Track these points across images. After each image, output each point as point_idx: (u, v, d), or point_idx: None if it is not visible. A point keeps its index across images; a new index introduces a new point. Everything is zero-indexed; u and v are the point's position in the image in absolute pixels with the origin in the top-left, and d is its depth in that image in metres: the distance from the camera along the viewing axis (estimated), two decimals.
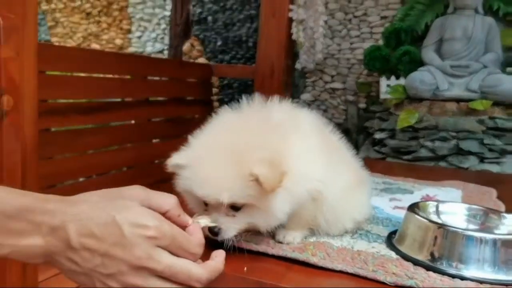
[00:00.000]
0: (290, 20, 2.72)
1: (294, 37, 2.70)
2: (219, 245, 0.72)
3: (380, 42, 2.76)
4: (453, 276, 0.70)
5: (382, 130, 2.47)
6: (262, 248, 0.78)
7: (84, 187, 1.87)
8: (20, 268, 1.09)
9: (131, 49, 3.55)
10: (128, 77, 2.24)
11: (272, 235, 0.83)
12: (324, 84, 2.96)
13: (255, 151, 0.70)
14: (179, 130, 2.61)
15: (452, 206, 0.90)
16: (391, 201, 1.16)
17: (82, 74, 1.99)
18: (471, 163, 2.16)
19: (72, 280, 0.58)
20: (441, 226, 0.77)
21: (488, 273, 0.70)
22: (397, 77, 2.53)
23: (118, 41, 3.56)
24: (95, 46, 3.54)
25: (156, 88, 2.43)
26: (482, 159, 2.18)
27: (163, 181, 2.39)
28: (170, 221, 0.60)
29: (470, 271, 0.71)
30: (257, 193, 0.68)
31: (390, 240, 0.85)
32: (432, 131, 2.26)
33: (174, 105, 2.54)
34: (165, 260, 0.56)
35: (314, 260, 0.74)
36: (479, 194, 1.30)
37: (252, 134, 0.74)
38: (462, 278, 0.69)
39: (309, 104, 3.00)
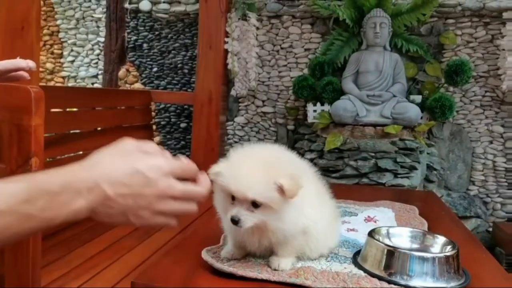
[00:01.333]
0: (226, 51, 2.95)
1: (229, 66, 2.93)
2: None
3: (305, 71, 3.09)
4: (405, 287, 0.97)
5: (311, 151, 2.79)
6: (265, 276, 1.00)
7: None
8: (23, 271, 1.15)
9: (63, 74, 3.52)
10: (75, 109, 2.31)
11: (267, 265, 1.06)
12: (256, 108, 3.22)
13: (282, 165, 0.95)
14: None
15: (399, 230, 1.20)
16: (343, 224, 1.44)
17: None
18: (388, 178, 2.55)
19: (107, 221, 0.73)
20: (395, 248, 1.05)
21: (430, 283, 0.98)
22: (322, 104, 2.86)
23: (49, 65, 3.50)
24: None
25: (102, 118, 2.52)
26: (396, 175, 2.58)
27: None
28: None
29: (417, 282, 0.99)
30: (275, 198, 0.91)
31: (356, 260, 1.12)
32: (355, 152, 2.63)
33: (119, 132, 2.63)
34: (179, 186, 0.76)
35: (308, 283, 0.98)
36: (405, 212, 1.63)
37: (278, 154, 1.00)
38: None
39: (242, 126, 3.25)
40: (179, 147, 3.37)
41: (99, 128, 2.52)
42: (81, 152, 2.32)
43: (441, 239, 1.13)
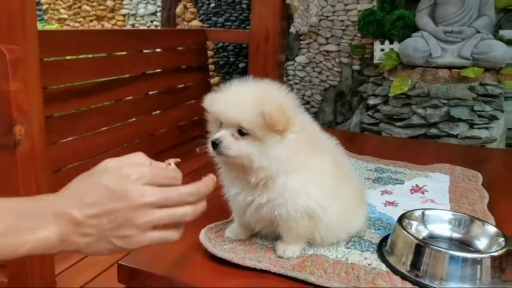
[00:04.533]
0: None
1: (288, 1, 2.67)
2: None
3: (375, 4, 2.73)
4: None
5: (375, 95, 2.52)
6: (264, 265, 0.87)
7: (89, 168, 1.95)
8: (38, 263, 1.16)
9: (123, 11, 3.47)
10: (124, 53, 2.24)
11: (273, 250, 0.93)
12: (318, 46, 2.95)
13: (273, 97, 0.84)
14: (178, 100, 2.65)
15: (438, 213, 0.99)
16: (382, 195, 1.25)
17: (80, 56, 2.00)
18: (461, 129, 2.24)
19: (94, 254, 0.66)
20: (425, 244, 0.86)
21: None
22: (391, 42, 2.53)
23: (110, 3, 3.47)
24: (86, 7, 3.45)
25: (152, 61, 2.44)
26: (471, 125, 2.26)
27: (163, 151, 2.48)
28: None
29: (451, 287, 0.80)
30: (261, 125, 0.80)
31: (381, 249, 0.94)
32: (424, 98, 2.32)
33: (171, 75, 2.56)
34: (156, 192, 0.64)
35: (312, 279, 0.83)
36: (465, 180, 1.38)
37: (279, 93, 0.88)
38: None
39: (304, 66, 3.02)
40: None
41: (151, 71, 2.45)
42: (131, 97, 2.29)
43: (491, 229, 0.92)
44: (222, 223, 1.04)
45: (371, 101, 2.51)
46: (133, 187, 0.63)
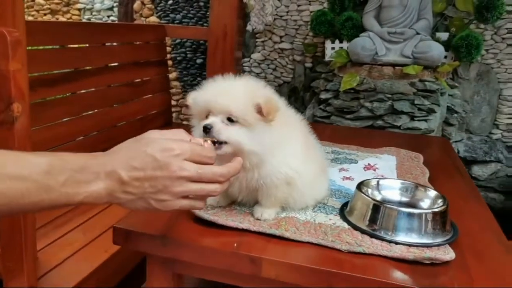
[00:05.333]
0: None
1: (245, 0, 2.81)
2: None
3: (325, 5, 2.93)
4: (389, 241, 0.96)
5: (327, 90, 2.71)
6: (245, 225, 1.00)
7: None
8: (19, 239, 1.20)
9: (79, 5, 3.46)
10: (87, 45, 2.28)
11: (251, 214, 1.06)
12: (273, 44, 3.11)
13: (261, 89, 0.97)
14: (138, 93, 2.71)
15: (389, 182, 1.16)
16: (340, 171, 1.42)
17: (46, 47, 2.03)
18: (403, 121, 2.47)
19: (132, 209, 0.78)
20: (380, 203, 1.02)
21: (415, 239, 0.96)
22: (341, 41, 2.73)
23: None
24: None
25: (114, 54, 2.49)
26: (412, 118, 2.49)
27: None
28: None
29: (401, 238, 0.97)
30: (252, 114, 0.91)
31: (343, 212, 1.10)
32: (371, 92, 2.53)
33: (132, 69, 2.61)
34: (193, 167, 0.77)
35: (287, 234, 0.97)
36: (409, 160, 1.58)
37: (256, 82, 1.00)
38: (396, 243, 0.95)
39: (259, 63, 3.17)
40: (196, 84, 3.33)
41: (112, 64, 2.50)
42: (93, 89, 2.33)
43: (432, 193, 1.10)
44: None
45: (323, 96, 2.70)
46: (174, 161, 0.75)
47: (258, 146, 0.93)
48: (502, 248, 1.01)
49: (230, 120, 0.92)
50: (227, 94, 0.93)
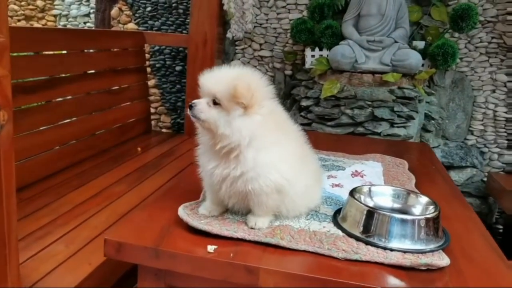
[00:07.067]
0: None
1: (225, 7, 2.80)
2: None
3: (304, 13, 2.96)
4: (383, 248, 0.96)
5: (307, 97, 2.72)
6: (240, 234, 0.99)
7: (31, 166, 1.92)
8: (3, 252, 1.15)
9: (54, 12, 3.38)
10: (64, 52, 2.23)
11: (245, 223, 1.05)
12: (253, 51, 3.12)
13: (248, 77, 0.99)
14: (117, 100, 2.66)
15: (381, 188, 1.17)
16: (329, 178, 1.42)
17: (24, 54, 1.97)
18: (383, 127, 2.50)
19: None
20: (374, 209, 1.02)
21: (408, 245, 0.97)
22: (321, 49, 2.75)
23: (40, 2, 3.36)
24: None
25: (92, 61, 2.44)
26: (392, 124, 2.53)
27: (104, 151, 2.48)
28: None
29: (395, 244, 0.97)
30: (229, 97, 0.95)
31: (336, 219, 1.10)
32: (351, 100, 2.56)
33: (110, 76, 2.57)
34: None
35: (283, 243, 0.97)
36: (394, 166, 1.60)
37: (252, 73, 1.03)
38: (391, 249, 0.96)
39: None
40: (175, 91, 3.30)
41: (90, 71, 2.45)
42: (70, 97, 2.27)
43: (423, 199, 1.11)
44: (194, 202, 1.13)
45: (304, 103, 2.71)
46: None
47: (230, 130, 0.95)
48: (493, 251, 1.03)
49: (214, 102, 0.97)
50: (215, 78, 0.99)
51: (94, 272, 1.38)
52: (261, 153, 0.97)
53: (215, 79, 0.98)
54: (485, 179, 2.94)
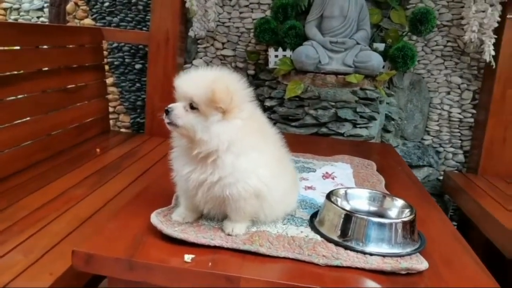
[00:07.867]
0: None
1: (187, 4, 2.73)
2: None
3: (267, 13, 2.94)
4: (361, 252, 0.96)
5: (271, 98, 2.71)
6: (218, 242, 0.96)
7: None
8: None
9: (5, 5, 3.18)
10: (18, 48, 2.10)
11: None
12: (215, 50, 3.07)
13: (226, 80, 0.95)
14: (74, 99, 2.54)
15: (357, 191, 1.17)
16: (301, 181, 1.41)
17: None
18: (347, 128, 2.53)
19: None
20: (352, 213, 1.02)
21: (386, 249, 0.97)
22: (284, 49, 2.75)
23: None
24: None
25: (47, 57, 2.31)
26: (355, 125, 2.56)
27: (61, 152, 2.36)
28: None
29: (372, 248, 0.97)
30: (206, 101, 0.91)
31: (313, 222, 1.09)
32: (315, 100, 2.57)
33: (67, 73, 2.44)
34: None
35: (263, 250, 0.94)
36: (363, 168, 1.61)
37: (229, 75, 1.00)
38: (370, 253, 0.95)
39: None
40: (134, 90, 3.19)
41: (45, 69, 2.33)
42: (25, 95, 2.15)
43: (399, 202, 1.12)
44: (166, 208, 1.09)
45: (268, 103, 2.70)
46: None
47: (208, 136, 0.92)
48: (467, 252, 1.05)
49: (192, 106, 0.93)
50: (191, 81, 0.94)
51: (56, 282, 1.30)
52: (240, 158, 0.94)
53: (192, 82, 0.93)
54: (440, 177, 3.05)
